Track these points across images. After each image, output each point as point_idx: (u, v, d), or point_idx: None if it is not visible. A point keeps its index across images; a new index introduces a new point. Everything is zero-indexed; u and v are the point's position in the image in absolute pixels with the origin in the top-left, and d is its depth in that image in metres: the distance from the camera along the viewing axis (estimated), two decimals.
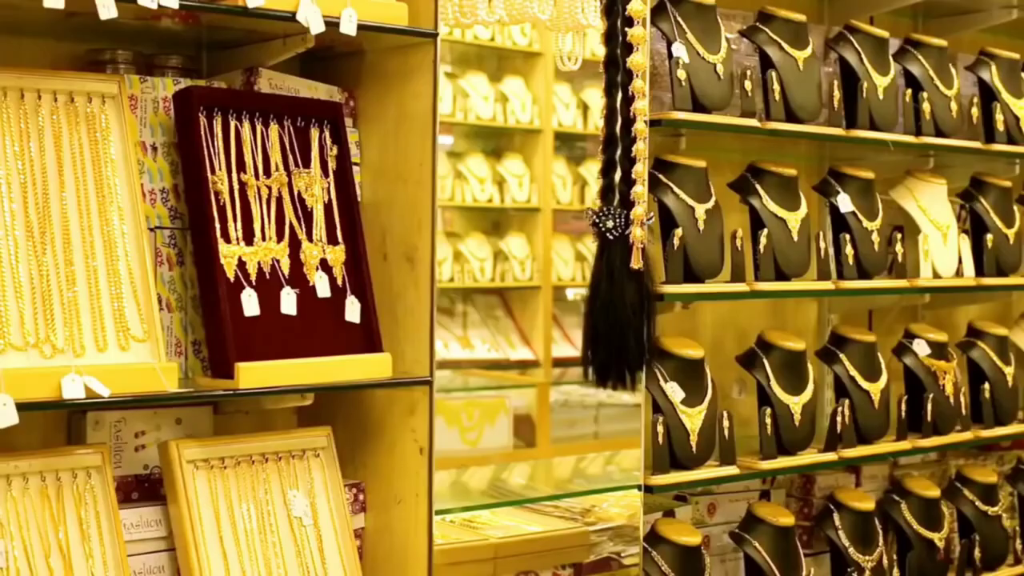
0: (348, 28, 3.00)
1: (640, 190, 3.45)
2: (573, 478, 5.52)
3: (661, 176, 3.69)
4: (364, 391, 3.29)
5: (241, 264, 2.98)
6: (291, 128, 3.14)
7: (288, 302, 3.04)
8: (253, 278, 2.99)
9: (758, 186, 3.93)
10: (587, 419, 7.31)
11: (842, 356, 4.17)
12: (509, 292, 7.77)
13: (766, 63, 3.93)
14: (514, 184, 7.58)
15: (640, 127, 3.45)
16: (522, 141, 7.77)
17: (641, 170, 3.45)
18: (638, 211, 3.45)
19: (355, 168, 3.31)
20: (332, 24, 2.97)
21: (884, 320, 4.77)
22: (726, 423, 3.76)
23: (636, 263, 3.44)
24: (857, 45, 4.20)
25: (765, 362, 3.93)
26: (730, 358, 4.08)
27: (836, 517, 4.15)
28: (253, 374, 2.89)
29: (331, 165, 3.19)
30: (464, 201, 7.52)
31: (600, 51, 3.48)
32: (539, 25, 3.67)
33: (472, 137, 7.78)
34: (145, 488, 3.08)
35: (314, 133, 3.17)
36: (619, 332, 3.45)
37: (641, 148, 3.45)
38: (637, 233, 3.44)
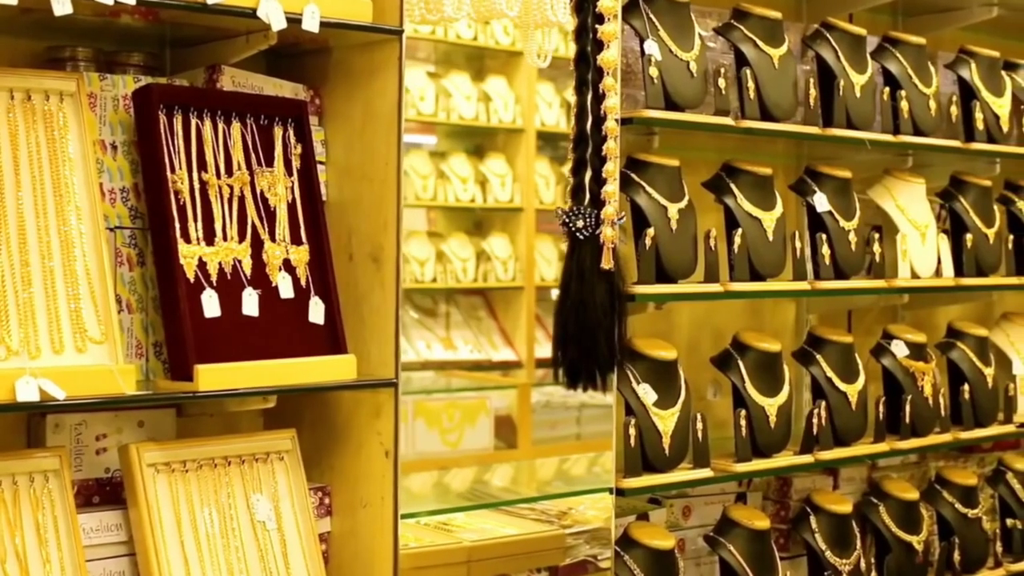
0: (310, 25, 2.95)
1: (611, 189, 3.40)
2: (553, 480, 5.49)
3: (633, 175, 3.65)
4: (330, 393, 3.24)
5: (201, 264, 2.93)
6: (254, 126, 3.09)
7: (250, 303, 2.99)
8: (214, 279, 2.94)
9: (733, 185, 3.88)
10: (569, 420, 7.26)
11: (819, 357, 4.12)
12: (492, 292, 7.73)
13: (741, 61, 3.89)
14: (497, 184, 7.54)
15: (611, 125, 3.40)
16: (505, 141, 7.73)
17: (612, 169, 3.41)
18: (608, 210, 3.40)
19: (321, 167, 3.27)
20: (294, 20, 2.92)
21: (863, 321, 4.73)
22: (699, 425, 3.72)
23: (607, 263, 3.39)
24: (834, 43, 4.15)
25: (740, 363, 3.89)
26: (706, 359, 4.03)
27: (813, 520, 4.10)
28: (213, 376, 2.85)
29: (295, 164, 3.14)
30: (447, 201, 7.47)
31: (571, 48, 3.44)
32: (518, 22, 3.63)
33: (455, 137, 7.73)
34: (106, 492, 3.03)
35: (278, 131, 3.13)
36: (589, 333, 3.40)
37: (612, 147, 3.40)
38: (607, 233, 3.40)
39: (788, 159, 4.51)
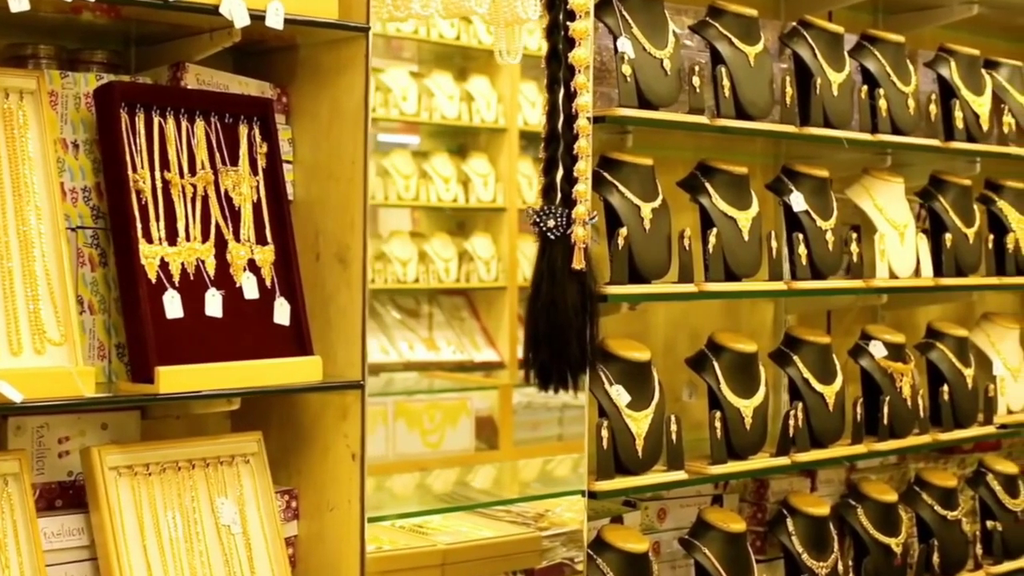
0: (274, 22, 2.91)
1: (582, 188, 3.36)
2: (532, 481, 5.45)
3: (606, 174, 3.61)
4: (296, 395, 3.20)
5: (164, 265, 2.89)
6: (218, 125, 3.05)
7: (213, 304, 2.94)
8: (176, 279, 2.90)
9: (708, 184, 3.85)
10: (551, 421, 7.22)
11: (796, 358, 4.09)
12: (474, 293, 7.69)
13: (716, 59, 3.85)
14: (479, 184, 7.50)
15: (582, 124, 3.36)
16: (487, 140, 7.68)
17: (583, 168, 3.36)
18: (580, 210, 3.36)
19: (288, 166, 3.23)
20: (258, 17, 2.88)
21: (843, 321, 4.70)
22: (674, 427, 3.68)
23: (578, 263, 3.35)
24: (811, 40, 4.12)
25: (715, 364, 3.85)
26: (683, 360, 3.99)
27: (789, 522, 4.07)
28: (174, 378, 2.80)
29: (260, 163, 3.10)
30: (429, 201, 7.43)
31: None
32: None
33: (437, 136, 7.69)
34: (69, 495, 2.98)
35: (243, 130, 3.08)
36: (560, 334, 3.36)
37: (583, 145, 3.36)
38: (579, 233, 3.35)
39: (766, 158, 4.48)
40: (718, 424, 3.78)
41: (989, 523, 4.67)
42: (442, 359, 7.44)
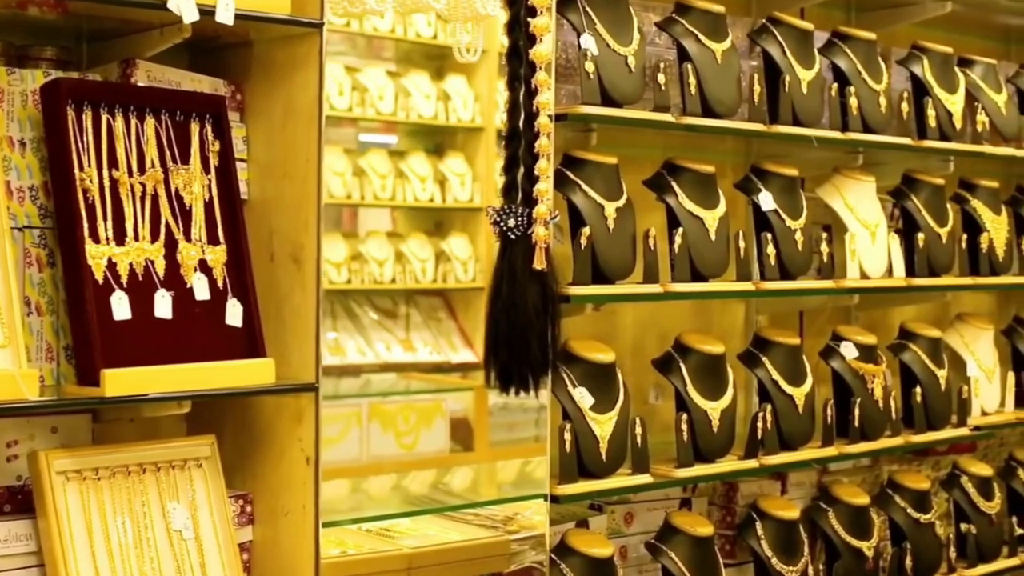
0: (224, 17, 2.85)
1: (543, 187, 3.30)
2: (503, 484, 5.39)
3: (569, 173, 3.56)
4: (251, 398, 3.14)
5: (111, 265, 2.83)
6: (169, 122, 2.98)
7: (163, 305, 2.89)
8: (124, 280, 2.84)
9: (674, 183, 3.79)
10: (528, 423, 7.15)
11: (765, 359, 4.03)
12: (452, 293, 7.62)
13: (683, 56, 3.80)
14: (456, 183, 7.44)
15: (543, 122, 3.31)
16: (464, 140, 7.62)
17: (544, 166, 3.31)
18: (541, 209, 3.30)
19: (243, 165, 3.18)
20: (207, 13, 2.82)
21: (815, 322, 4.65)
22: (639, 430, 3.63)
23: (539, 263, 3.30)
24: (780, 37, 4.06)
25: (682, 366, 3.80)
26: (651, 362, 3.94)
27: (759, 526, 4.02)
28: (121, 381, 2.75)
29: (213, 161, 3.04)
30: (405, 201, 7.36)
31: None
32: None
33: (414, 136, 7.62)
34: (18, 500, 2.93)
35: (194, 128, 3.02)
36: (521, 335, 3.30)
37: (544, 144, 3.30)
38: (540, 232, 3.30)
39: (737, 157, 4.43)
40: (684, 427, 3.73)
41: (963, 526, 4.63)
42: (419, 360, 7.37)
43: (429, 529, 4.23)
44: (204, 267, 2.98)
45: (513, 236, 3.31)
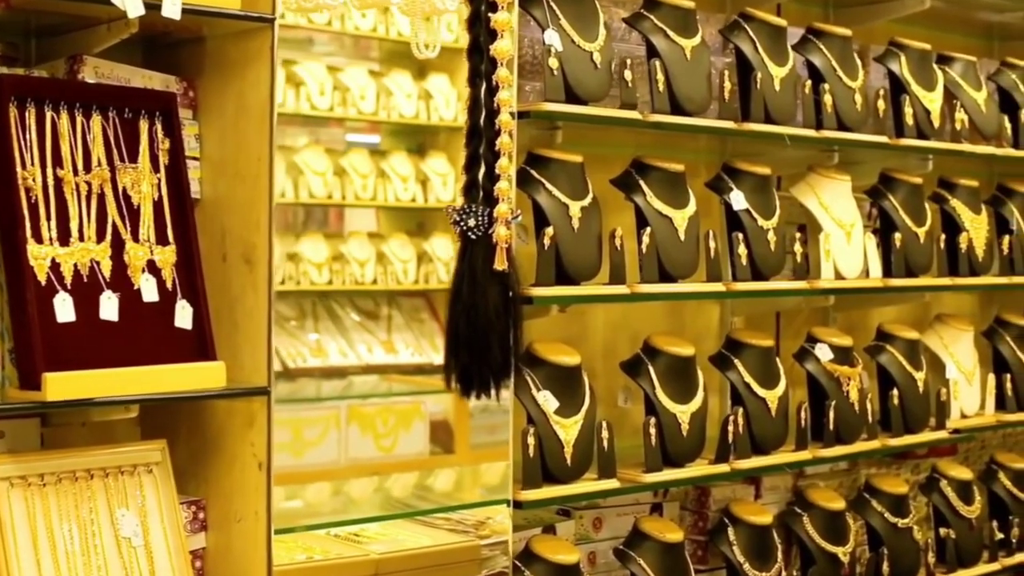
0: (171, 12, 2.78)
1: (504, 186, 3.22)
2: (478, 487, 5.32)
3: (533, 172, 3.49)
4: (203, 402, 3.07)
5: (55, 266, 2.76)
6: (117, 120, 2.92)
7: (108, 307, 2.82)
8: (68, 281, 2.78)
9: (642, 182, 3.72)
10: (509, 425, 7.09)
11: (737, 362, 3.96)
12: (434, 294, 7.54)
13: (652, 52, 3.72)
14: (438, 183, 7.36)
15: (505, 119, 3.23)
16: (447, 139, 7.55)
17: (506, 165, 3.23)
18: (502, 208, 3.22)
19: (196, 163, 3.10)
20: (153, 7, 2.75)
21: (792, 323, 4.58)
22: (605, 434, 3.56)
23: (500, 264, 3.21)
24: (752, 34, 3.99)
25: (651, 368, 3.73)
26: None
27: (731, 531, 3.95)
28: (63, 385, 2.68)
29: (163, 160, 2.97)
30: (387, 200, 7.29)
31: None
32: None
33: (395, 135, 7.55)
34: None
35: (143, 125, 2.96)
36: (482, 337, 3.22)
37: (506, 141, 3.22)
38: (501, 232, 3.21)
39: (711, 155, 4.35)
40: (653, 430, 3.66)
41: (942, 530, 4.55)
42: (401, 362, 7.30)
43: (399, 534, 4.16)
44: (152, 268, 2.91)
45: (474, 236, 3.23)
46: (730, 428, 3.82)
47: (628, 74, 3.60)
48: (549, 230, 3.42)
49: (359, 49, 7.39)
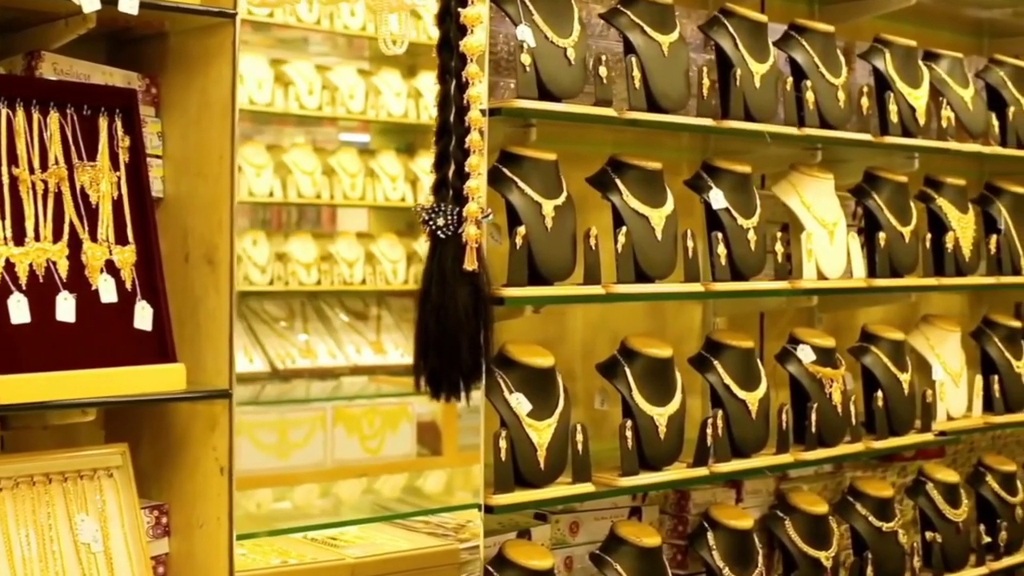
0: (128, 7, 2.72)
1: (474, 185, 3.16)
2: (460, 490, 5.26)
3: (505, 170, 3.43)
4: (164, 405, 3.01)
5: (9, 266, 2.71)
6: (75, 117, 2.86)
7: (65, 308, 2.76)
8: (23, 281, 2.73)
9: (618, 181, 3.66)
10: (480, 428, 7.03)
11: (716, 363, 3.90)
12: None
13: (629, 49, 3.66)
14: (427, 183, 7.30)
15: (475, 116, 3.16)
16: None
17: (476, 163, 3.17)
18: (472, 207, 3.16)
19: (158, 161, 3.05)
20: (110, 2, 2.69)
21: (776, 324, 4.51)
22: (580, 437, 3.50)
23: (470, 264, 3.15)
24: (732, 30, 3.93)
25: (627, 370, 3.67)
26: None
27: (710, 536, 3.89)
28: (17, 387, 2.63)
29: (123, 157, 2.92)
30: (376, 200, 7.23)
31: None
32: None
33: (384, 134, 7.50)
34: None
35: (103, 123, 2.90)
36: (451, 339, 3.16)
37: (476, 139, 3.16)
38: (471, 231, 3.15)
39: (693, 154, 4.29)
40: (629, 433, 3.60)
41: (928, 534, 4.49)
42: (390, 363, 7.24)
43: (378, 538, 4.10)
44: (111, 268, 2.86)
45: (443, 235, 3.16)
46: (708, 431, 3.76)
47: (603, 71, 3.54)
48: (521, 229, 3.36)
49: (348, 48, 7.33)
